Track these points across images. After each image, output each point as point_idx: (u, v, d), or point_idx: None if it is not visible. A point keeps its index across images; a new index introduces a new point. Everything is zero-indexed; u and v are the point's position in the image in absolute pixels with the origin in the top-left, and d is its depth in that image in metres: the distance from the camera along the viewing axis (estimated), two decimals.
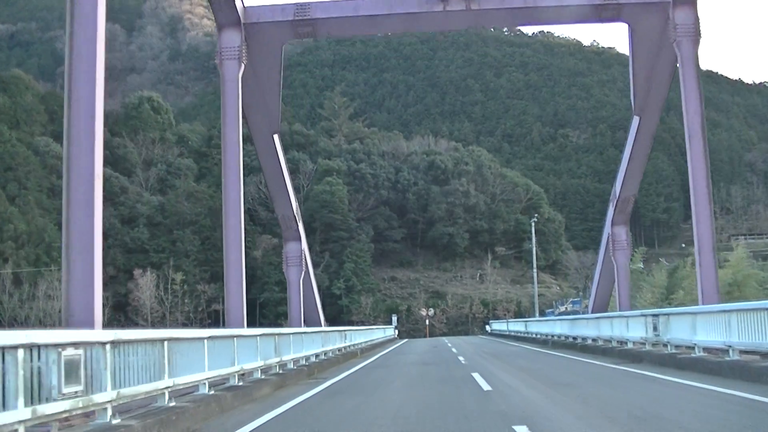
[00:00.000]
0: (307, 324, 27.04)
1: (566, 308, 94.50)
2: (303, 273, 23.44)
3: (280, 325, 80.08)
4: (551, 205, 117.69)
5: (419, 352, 30.89)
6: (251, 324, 75.80)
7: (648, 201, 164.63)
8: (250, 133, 21.20)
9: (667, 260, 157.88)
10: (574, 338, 26.64)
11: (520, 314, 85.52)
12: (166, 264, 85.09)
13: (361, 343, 33.99)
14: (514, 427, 7.65)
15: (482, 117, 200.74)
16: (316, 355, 21.12)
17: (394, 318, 67.66)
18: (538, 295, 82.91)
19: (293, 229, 22.97)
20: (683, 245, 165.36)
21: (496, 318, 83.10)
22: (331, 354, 23.88)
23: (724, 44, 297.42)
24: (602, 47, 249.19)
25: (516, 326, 45.30)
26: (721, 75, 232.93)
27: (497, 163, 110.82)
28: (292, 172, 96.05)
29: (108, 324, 72.49)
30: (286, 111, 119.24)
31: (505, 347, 32.02)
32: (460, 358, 23.08)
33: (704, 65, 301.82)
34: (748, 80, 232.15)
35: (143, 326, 70.13)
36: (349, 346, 29.29)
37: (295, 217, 22.66)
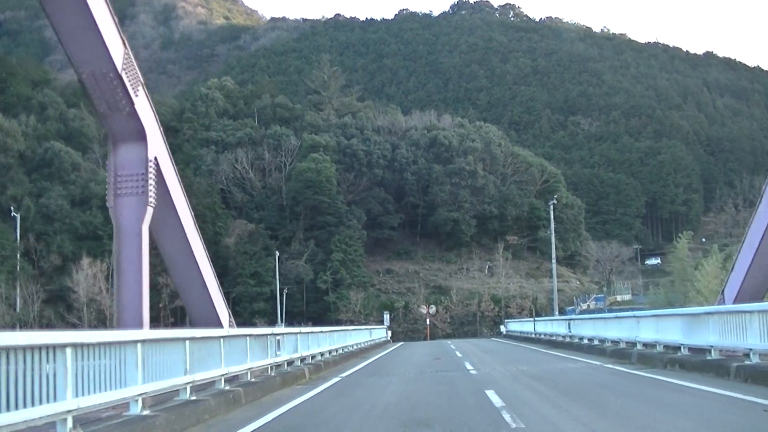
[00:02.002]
0: (194, 324, 14.59)
1: (588, 306, 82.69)
2: (149, 210, 10.84)
3: (253, 325, 67.36)
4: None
5: (411, 372, 18.32)
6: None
7: (666, 191, 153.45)
8: None
9: (687, 257, 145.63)
10: (698, 350, 14.11)
11: (536, 312, 73.22)
12: None
13: (322, 354, 21.54)
14: None
15: (487, 104, 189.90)
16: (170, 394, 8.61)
17: (387, 316, 54.79)
18: (558, 291, 70.77)
19: (124, 112, 10.25)
20: (703, 239, 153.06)
21: (509, 317, 70.69)
22: (222, 387, 11.37)
23: (742, 31, 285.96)
24: (613, 33, 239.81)
25: (550, 327, 32.64)
26: (740, 62, 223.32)
27: (508, 141, 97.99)
28: (273, 149, 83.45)
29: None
30: (270, 85, 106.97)
31: (557, 363, 19.37)
32: (492, 396, 10.56)
33: (722, 52, 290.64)
34: (766, 67, 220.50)
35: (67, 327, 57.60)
36: (289, 362, 16.84)
37: (121, 77, 9.86)
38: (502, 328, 53.80)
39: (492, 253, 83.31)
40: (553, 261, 65.57)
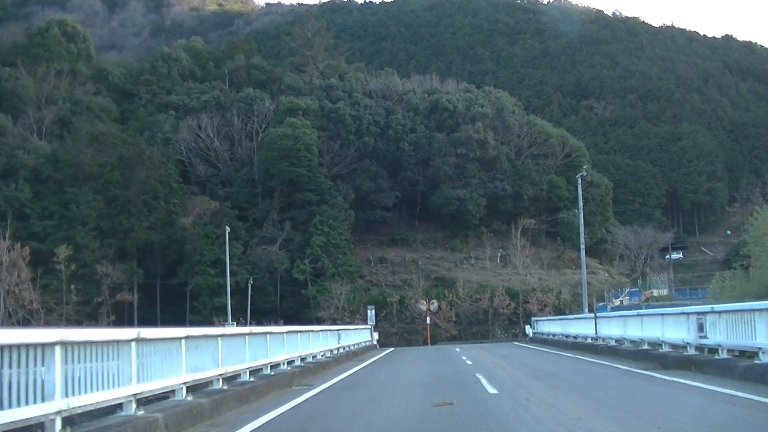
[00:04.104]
0: None
1: (621, 301, 69.59)
2: None
3: (211, 324, 53.68)
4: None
5: None
6: (179, 322, 49.41)
7: (688, 180, 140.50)
8: None
9: (711, 250, 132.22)
10: None
11: (559, 310, 60.03)
12: (54, 235, 59.22)
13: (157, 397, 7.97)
14: None
15: (494, 87, 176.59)
16: None
17: (371, 312, 40.53)
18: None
19: None
20: (728, 232, 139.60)
21: (529, 314, 57.11)
22: None
23: (761, 15, 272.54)
24: (626, 16, 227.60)
25: (635, 329, 18.88)
26: (761, 45, 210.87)
27: (522, 109, 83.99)
28: (244, 114, 70.03)
29: None
30: (246, 45, 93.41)
31: None
32: None
33: (741, 36, 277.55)
34: None
35: None
36: None
37: None
38: (528, 330, 40.09)
39: (505, 238, 69.60)
40: (581, 247, 52.06)
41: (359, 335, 33.06)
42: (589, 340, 24.46)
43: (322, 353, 21.04)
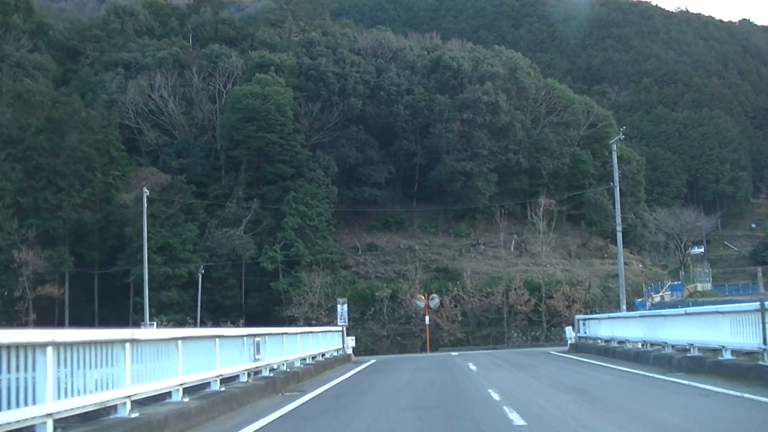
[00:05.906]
0: None
1: (662, 297, 58.27)
2: None
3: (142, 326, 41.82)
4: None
5: None
6: (122, 322, 39.51)
7: (709, 169, 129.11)
8: None
9: (735, 245, 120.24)
10: None
11: (587, 306, 48.66)
12: None
13: None
14: None
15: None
16: None
17: (343, 308, 28.01)
18: (616, 277, 47.03)
19: None
20: (753, 225, 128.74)
21: (554, 312, 45.67)
22: None
23: None
24: (637, 0, 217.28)
25: None
26: None
27: (539, 72, 72.12)
28: (206, 72, 58.29)
29: None
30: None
31: None
32: None
33: (760, 20, 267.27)
34: None
35: None
36: None
37: None
38: (568, 333, 28.15)
39: (521, 222, 57.81)
40: (618, 230, 41.30)
41: (318, 342, 21.23)
42: (728, 355, 12.66)
43: (179, 388, 9.18)
